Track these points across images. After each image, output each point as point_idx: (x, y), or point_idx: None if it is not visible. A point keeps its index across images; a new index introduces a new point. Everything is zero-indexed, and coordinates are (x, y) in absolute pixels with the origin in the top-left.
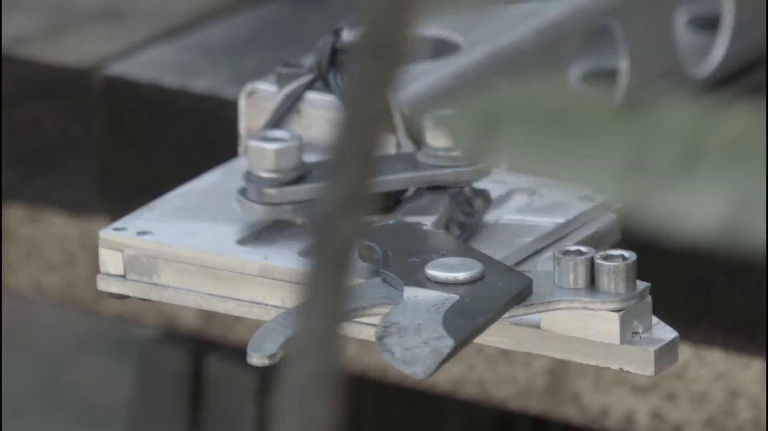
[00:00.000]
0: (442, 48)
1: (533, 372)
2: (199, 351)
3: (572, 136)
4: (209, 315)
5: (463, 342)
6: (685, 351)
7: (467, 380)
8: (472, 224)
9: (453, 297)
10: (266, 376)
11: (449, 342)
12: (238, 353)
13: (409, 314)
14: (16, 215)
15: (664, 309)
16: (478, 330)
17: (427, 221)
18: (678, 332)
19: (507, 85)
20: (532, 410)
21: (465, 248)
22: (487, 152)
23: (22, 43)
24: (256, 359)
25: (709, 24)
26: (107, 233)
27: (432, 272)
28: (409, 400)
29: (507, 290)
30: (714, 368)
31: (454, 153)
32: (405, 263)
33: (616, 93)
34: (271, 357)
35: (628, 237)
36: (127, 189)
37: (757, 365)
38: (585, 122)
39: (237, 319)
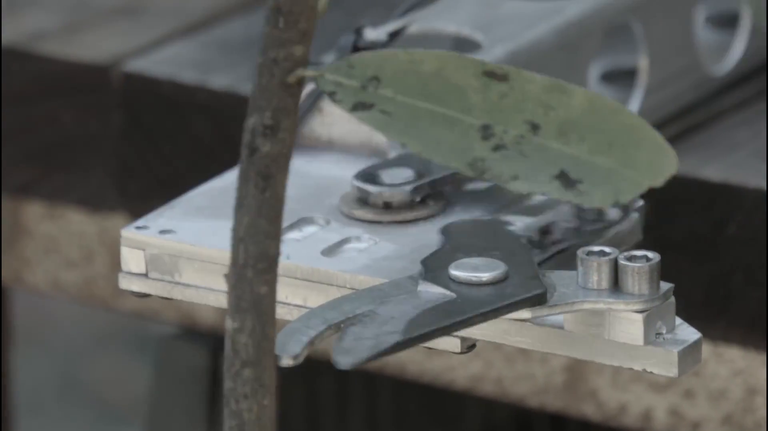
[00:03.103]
0: (463, 46)
1: (551, 369)
2: (217, 347)
3: (439, 99)
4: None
5: (412, 339)
6: (704, 349)
7: (485, 377)
8: (583, 232)
9: (450, 296)
10: (282, 372)
11: (394, 338)
12: None
13: (393, 307)
14: (34, 211)
15: (682, 307)
16: (439, 332)
17: (519, 222)
18: (696, 328)
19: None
20: (550, 407)
21: (520, 250)
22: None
23: (41, 39)
24: (282, 360)
25: (728, 22)
26: (129, 232)
27: (454, 271)
28: (426, 397)
29: (507, 296)
30: (732, 365)
31: None
32: (442, 260)
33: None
34: (295, 357)
35: (647, 236)
36: (145, 186)
37: None
38: (453, 87)
39: None
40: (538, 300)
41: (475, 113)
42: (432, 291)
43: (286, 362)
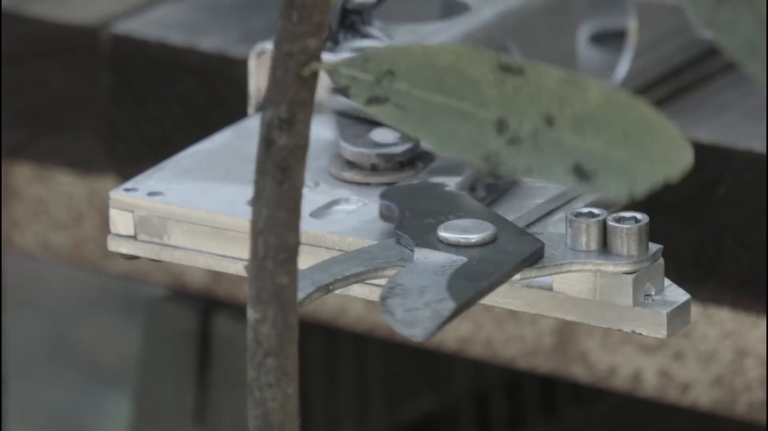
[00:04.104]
0: (452, 8)
1: (541, 331)
2: (207, 309)
3: (454, 93)
4: (217, 274)
5: (465, 304)
6: (693, 310)
7: (475, 339)
8: (501, 186)
9: (461, 259)
10: None
11: (450, 305)
12: (246, 311)
13: (415, 276)
14: (23, 173)
15: (672, 268)
16: (482, 293)
17: (451, 182)
18: (686, 290)
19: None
20: (540, 369)
21: (483, 210)
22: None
23: (29, 1)
24: None
25: None
26: (118, 194)
27: (444, 233)
28: (416, 359)
29: (516, 253)
30: (722, 327)
31: None
32: (420, 225)
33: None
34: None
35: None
36: (135, 148)
37: (764, 324)
38: (468, 81)
39: (245, 278)
40: (541, 253)
41: (490, 107)
42: (435, 256)
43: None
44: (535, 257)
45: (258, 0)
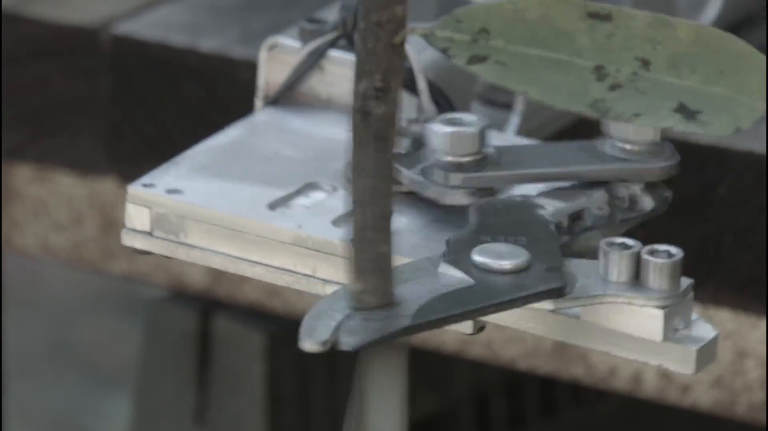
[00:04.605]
0: (450, 6)
1: None
2: (207, 310)
3: (549, 45)
4: (217, 275)
5: (419, 326)
6: (693, 311)
7: (475, 340)
8: (617, 220)
9: (468, 282)
10: (273, 336)
11: (401, 323)
12: (246, 312)
13: (411, 289)
14: (24, 174)
15: None
16: (450, 320)
17: (549, 206)
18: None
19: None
20: (540, 370)
21: (546, 238)
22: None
23: (31, 2)
24: (309, 345)
25: None
26: (136, 189)
27: (475, 256)
28: (416, 359)
29: (520, 287)
30: (722, 328)
31: (639, 147)
32: (468, 242)
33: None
34: (324, 343)
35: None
36: (135, 148)
37: (764, 325)
38: (560, 31)
39: (245, 279)
40: (556, 294)
41: (586, 55)
42: (451, 274)
43: (314, 348)
44: (546, 296)
45: (258, 0)
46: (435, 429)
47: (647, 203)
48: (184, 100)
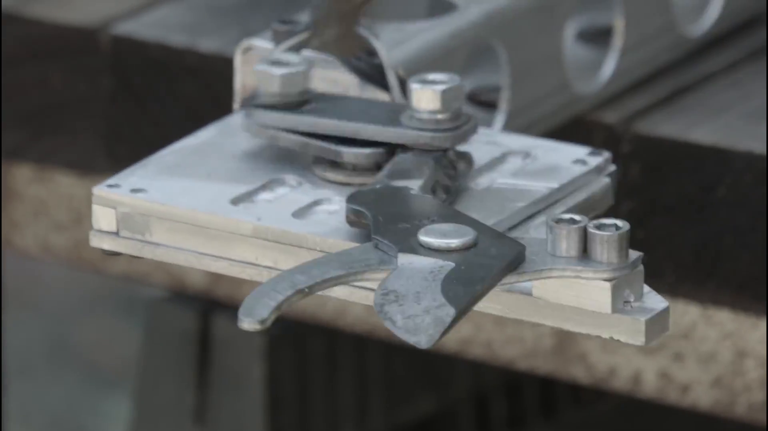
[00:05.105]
0: (439, 7)
1: (541, 332)
2: (207, 310)
3: None
4: (217, 275)
5: (463, 309)
6: (693, 311)
7: (475, 340)
8: (456, 187)
9: (449, 264)
10: (273, 336)
11: (450, 311)
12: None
13: (405, 281)
14: (23, 174)
15: (672, 269)
16: (477, 298)
17: (414, 185)
18: (686, 291)
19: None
20: (540, 370)
21: (454, 214)
22: None
23: (30, 2)
24: (247, 323)
25: None
26: (101, 190)
27: (425, 238)
28: (416, 360)
29: (501, 256)
30: (721, 328)
31: (439, 116)
32: (396, 229)
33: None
34: (262, 322)
35: (637, 200)
36: (135, 148)
37: (764, 325)
38: None
39: (245, 279)
40: (523, 257)
41: None
42: (421, 262)
43: (252, 326)
44: (518, 261)
45: (258, 0)
46: (435, 429)
47: (463, 166)
48: (183, 100)
